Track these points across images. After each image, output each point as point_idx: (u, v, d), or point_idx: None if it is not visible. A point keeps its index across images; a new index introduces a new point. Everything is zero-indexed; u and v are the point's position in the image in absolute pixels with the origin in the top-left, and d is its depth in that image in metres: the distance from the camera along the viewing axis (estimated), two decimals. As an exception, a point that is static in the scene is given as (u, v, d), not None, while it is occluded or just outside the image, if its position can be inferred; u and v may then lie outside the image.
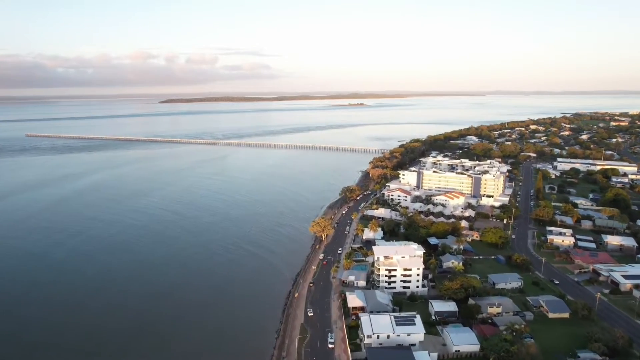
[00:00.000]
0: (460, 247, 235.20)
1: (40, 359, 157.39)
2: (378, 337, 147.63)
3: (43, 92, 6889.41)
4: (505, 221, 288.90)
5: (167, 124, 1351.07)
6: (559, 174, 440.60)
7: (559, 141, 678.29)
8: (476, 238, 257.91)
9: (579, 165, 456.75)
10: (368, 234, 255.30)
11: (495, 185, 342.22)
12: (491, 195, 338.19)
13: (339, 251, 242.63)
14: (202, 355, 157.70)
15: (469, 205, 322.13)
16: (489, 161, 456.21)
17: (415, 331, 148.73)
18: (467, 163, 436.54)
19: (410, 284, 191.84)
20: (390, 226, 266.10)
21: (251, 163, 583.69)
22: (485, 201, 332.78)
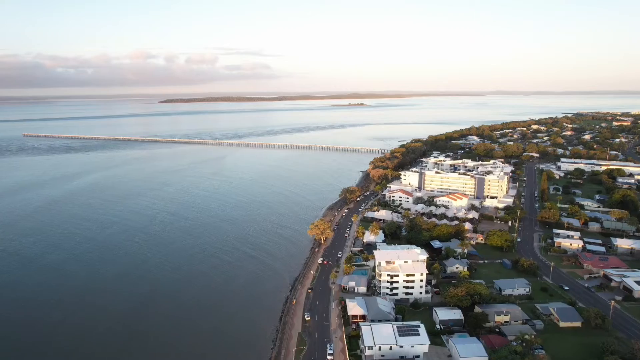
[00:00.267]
0: (465, 251, 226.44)
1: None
2: (380, 349, 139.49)
3: (42, 92, 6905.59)
4: (510, 223, 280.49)
5: (167, 124, 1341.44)
6: (563, 175, 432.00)
7: (562, 141, 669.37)
8: (480, 241, 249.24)
9: (583, 166, 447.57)
10: (369, 237, 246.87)
11: (499, 186, 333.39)
12: (495, 197, 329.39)
13: (338, 255, 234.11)
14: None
15: (472, 206, 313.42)
16: (492, 161, 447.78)
17: (419, 342, 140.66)
18: (470, 163, 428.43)
19: (413, 290, 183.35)
20: (391, 229, 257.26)
21: (251, 163, 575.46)
22: (489, 202, 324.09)
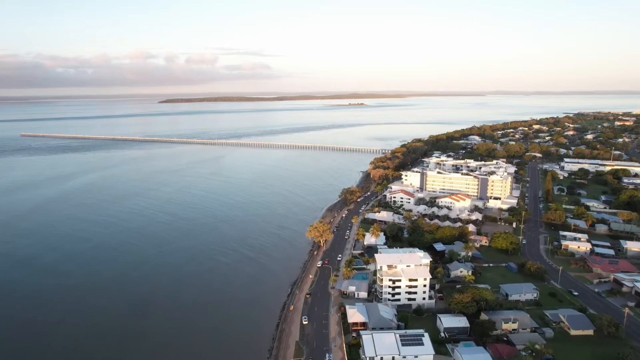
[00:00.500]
0: (469, 254, 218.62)
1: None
2: (382, 359, 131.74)
3: (42, 92, 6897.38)
4: (514, 225, 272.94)
5: (166, 124, 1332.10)
6: (567, 175, 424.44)
7: (565, 141, 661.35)
8: (485, 243, 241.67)
9: (587, 166, 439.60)
10: (370, 240, 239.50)
11: (502, 186, 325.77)
12: (499, 198, 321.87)
13: (338, 258, 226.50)
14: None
15: (475, 207, 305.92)
16: (494, 161, 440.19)
17: (423, 352, 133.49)
18: (472, 163, 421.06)
19: (416, 296, 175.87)
20: (393, 231, 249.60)
21: (250, 163, 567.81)
22: (493, 203, 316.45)
